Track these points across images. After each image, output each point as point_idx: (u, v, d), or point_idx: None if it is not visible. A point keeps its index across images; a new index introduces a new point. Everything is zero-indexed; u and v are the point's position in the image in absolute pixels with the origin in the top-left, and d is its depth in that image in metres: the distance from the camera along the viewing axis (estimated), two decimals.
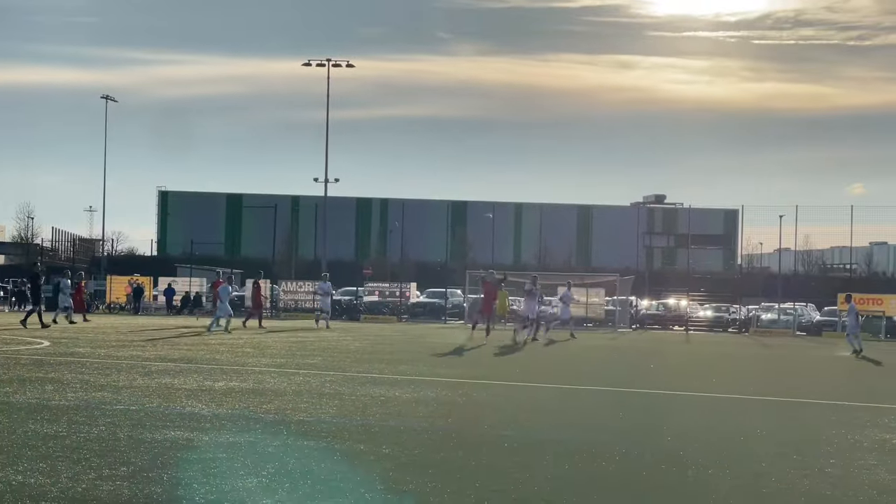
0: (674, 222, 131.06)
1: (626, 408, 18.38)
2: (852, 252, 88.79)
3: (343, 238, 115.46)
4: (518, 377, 23.46)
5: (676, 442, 13.85)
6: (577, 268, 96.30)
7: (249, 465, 10.95)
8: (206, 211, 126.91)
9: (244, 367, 23.57)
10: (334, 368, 24.09)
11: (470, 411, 16.62)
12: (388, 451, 12.15)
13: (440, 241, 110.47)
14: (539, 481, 10.60)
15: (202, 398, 17.03)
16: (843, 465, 12.15)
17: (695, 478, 11.15)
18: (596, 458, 12.15)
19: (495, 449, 12.65)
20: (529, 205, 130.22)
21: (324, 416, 15.31)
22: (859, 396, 21.64)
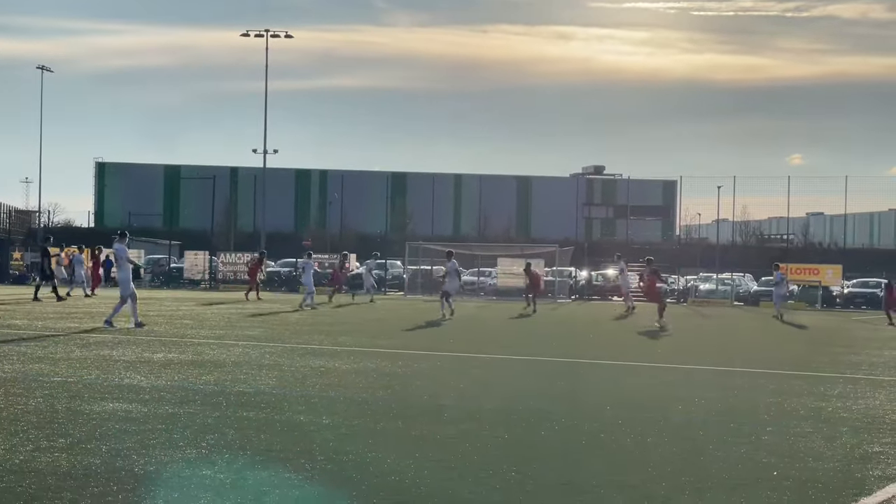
0: (613, 193, 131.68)
1: (566, 377, 18.48)
2: (789, 222, 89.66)
3: (282, 209, 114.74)
4: (458, 348, 23.51)
5: (616, 410, 13.95)
6: (516, 239, 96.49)
7: (188, 436, 10.89)
8: (143, 182, 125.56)
9: (183, 339, 23.42)
10: (274, 340, 24.00)
11: (410, 382, 16.64)
12: (327, 422, 12.14)
13: (380, 212, 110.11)
14: (478, 450, 10.63)
15: (141, 370, 16.91)
16: (780, 433, 12.30)
17: (633, 445, 11.24)
18: (535, 427, 12.21)
19: (435, 419, 12.67)
20: (469, 176, 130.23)
21: (263, 387, 15.25)
22: (796, 365, 21.90)
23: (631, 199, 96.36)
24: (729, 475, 9.72)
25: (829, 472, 10.00)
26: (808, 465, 10.29)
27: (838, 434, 12.34)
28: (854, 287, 68.39)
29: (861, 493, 9.04)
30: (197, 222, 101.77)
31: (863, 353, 25.30)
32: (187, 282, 68.50)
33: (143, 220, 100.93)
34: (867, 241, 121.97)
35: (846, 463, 10.48)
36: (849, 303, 65.50)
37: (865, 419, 13.71)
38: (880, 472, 10.00)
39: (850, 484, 9.43)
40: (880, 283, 66.90)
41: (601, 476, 9.52)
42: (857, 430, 12.72)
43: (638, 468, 9.94)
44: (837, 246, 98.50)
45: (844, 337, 33.21)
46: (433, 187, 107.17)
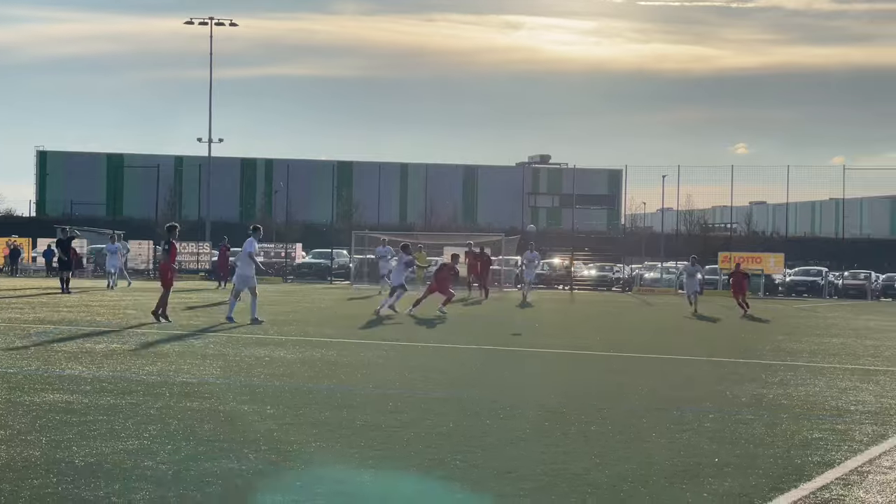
0: (558, 182, 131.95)
1: (511, 366, 18.53)
2: (733, 212, 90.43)
3: (227, 198, 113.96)
4: (404, 337, 23.50)
5: (560, 399, 14.01)
6: (462, 227, 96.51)
7: (130, 427, 10.80)
8: (86, 171, 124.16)
9: (126, 329, 23.24)
10: (218, 329, 23.87)
11: (355, 371, 16.61)
12: (272, 412, 12.09)
13: (326, 201, 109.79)
14: (423, 439, 10.63)
15: (82, 360, 16.76)
16: (722, 420, 12.41)
17: (577, 433, 11.29)
18: (480, 416, 12.24)
19: (380, 408, 12.65)
20: (415, 165, 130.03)
21: (207, 377, 15.17)
22: (738, 353, 22.10)
23: (576, 189, 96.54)
24: (671, 462, 9.79)
25: (770, 458, 10.10)
26: (749, 452, 10.39)
27: (779, 420, 12.47)
28: (796, 275, 69.19)
29: (801, 479, 9.14)
30: (141, 211, 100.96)
31: (804, 341, 25.58)
32: (131, 271, 67.92)
33: (85, 209, 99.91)
34: (809, 230, 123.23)
35: (786, 449, 10.60)
36: (791, 291, 66.24)
37: (805, 406, 13.86)
38: (819, 458, 10.11)
39: (790, 470, 9.53)
40: (821, 272, 67.84)
41: (545, 464, 9.55)
42: (797, 416, 12.86)
43: (582, 456, 9.98)
44: (780, 235, 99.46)
45: (786, 325, 33.55)
46: (379, 176, 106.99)
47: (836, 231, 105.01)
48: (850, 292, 67.06)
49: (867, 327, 33.05)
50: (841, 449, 10.65)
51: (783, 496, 8.49)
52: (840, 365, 19.78)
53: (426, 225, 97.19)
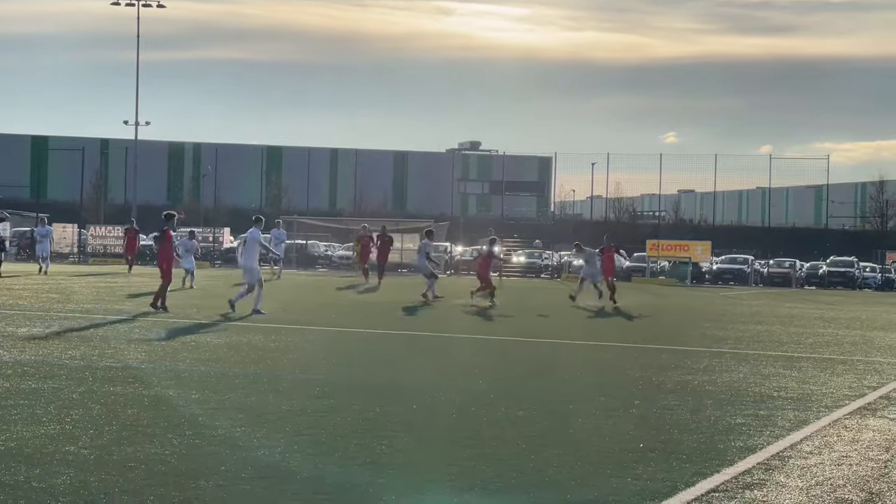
0: (489, 169, 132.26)
1: (437, 352, 18.56)
2: (661, 199, 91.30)
3: (155, 182, 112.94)
4: (330, 322, 23.43)
5: (487, 385, 14.04)
6: (392, 213, 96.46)
7: (52, 412, 10.66)
8: (9, 153, 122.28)
9: (49, 313, 22.94)
10: (143, 314, 23.62)
11: (281, 356, 16.53)
12: (197, 397, 12.00)
13: (255, 186, 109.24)
14: (349, 424, 10.60)
15: (3, 345, 16.51)
16: (647, 406, 12.51)
17: (504, 419, 11.32)
18: (406, 401, 12.23)
19: (307, 393, 12.60)
20: (345, 150, 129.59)
21: (131, 361, 15.01)
22: (665, 340, 22.29)
23: (506, 175, 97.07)
24: (597, 448, 9.85)
25: (694, 443, 10.19)
26: (673, 437, 10.48)
27: (703, 406, 12.59)
28: (722, 263, 69.93)
29: (723, 464, 9.23)
30: (65, 194, 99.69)
31: (729, 328, 25.85)
32: (55, 255, 67.00)
33: (8, 191, 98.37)
34: (735, 219, 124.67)
35: (710, 434, 10.70)
36: (717, 279, 66.95)
37: (729, 392, 14.01)
38: (742, 444, 10.22)
39: (712, 455, 9.63)
40: (747, 260, 68.68)
41: (472, 449, 9.56)
42: (721, 402, 12.99)
43: (508, 441, 10.01)
44: (707, 223, 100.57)
45: (712, 312, 33.90)
46: (309, 161, 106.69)
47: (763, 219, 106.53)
48: (776, 280, 67.91)
49: (791, 315, 33.49)
50: (763, 434, 10.78)
51: (706, 481, 8.57)
52: (764, 352, 20.02)
53: (356, 211, 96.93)
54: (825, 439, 10.73)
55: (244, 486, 7.96)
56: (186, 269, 38.21)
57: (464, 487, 8.15)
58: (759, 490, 8.33)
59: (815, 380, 15.78)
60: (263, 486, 7.98)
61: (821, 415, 12.34)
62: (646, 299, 40.44)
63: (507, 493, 8.04)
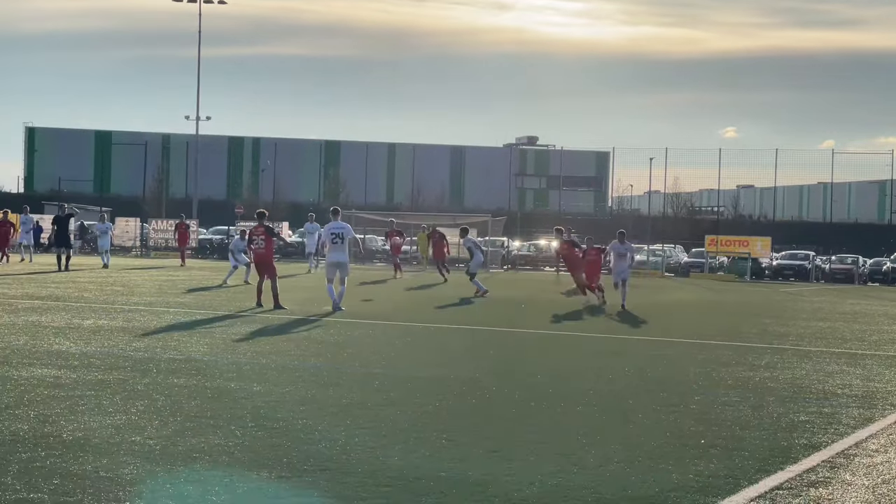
0: (546, 164, 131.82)
1: (498, 346, 18.56)
2: (720, 195, 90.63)
3: (215, 177, 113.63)
4: (389, 316, 23.49)
5: (546, 379, 14.04)
6: (449, 208, 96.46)
7: (118, 402, 10.80)
8: (74, 148, 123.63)
9: (113, 306, 23.19)
10: (205, 307, 23.83)
11: (341, 350, 16.61)
12: (258, 389, 12.09)
13: (313, 180, 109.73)
14: (409, 417, 10.65)
15: (70, 336, 16.73)
16: (708, 402, 12.44)
17: (564, 414, 11.32)
18: (465, 395, 12.26)
19: (366, 386, 12.66)
20: (402, 145, 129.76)
21: (194, 354, 15.16)
22: (725, 336, 22.12)
23: (564, 170, 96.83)
24: (657, 443, 9.81)
25: (756, 440, 10.13)
26: (734, 434, 10.42)
27: (765, 403, 12.50)
28: (783, 259, 69.28)
29: (787, 461, 9.17)
30: (128, 189, 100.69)
31: (790, 325, 25.64)
32: (118, 248, 67.80)
33: (73, 185, 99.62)
34: (796, 214, 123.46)
35: (773, 431, 10.63)
36: (777, 275, 66.35)
37: (792, 389, 13.90)
38: (806, 441, 10.15)
39: (776, 452, 9.56)
40: (808, 256, 67.95)
41: (531, 444, 9.57)
42: (783, 399, 12.89)
43: (568, 436, 10.00)
44: (767, 218, 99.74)
45: (773, 308, 33.63)
46: (367, 156, 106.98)
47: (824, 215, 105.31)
48: (837, 276, 67.13)
49: (854, 311, 33.15)
50: (828, 432, 10.68)
51: (770, 478, 8.52)
52: (827, 349, 19.84)
53: (413, 205, 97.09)
54: (891, 437, 10.63)
55: (306, 477, 8.03)
56: (244, 265, 38.49)
57: (523, 482, 8.15)
58: (823, 488, 8.27)
59: (880, 377, 15.62)
60: (325, 478, 8.03)
61: (886, 413, 12.21)
62: (704, 295, 40.19)
63: (568, 488, 8.04)
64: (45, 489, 7.37)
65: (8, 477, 7.65)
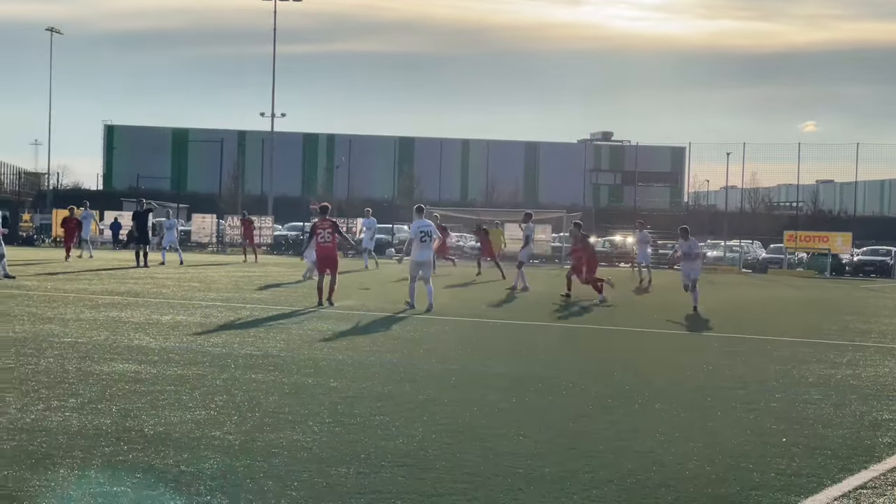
0: (621, 159, 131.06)
1: (575, 343, 18.48)
2: (799, 190, 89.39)
3: (290, 173, 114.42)
4: (467, 313, 23.47)
5: (624, 376, 13.95)
6: (524, 204, 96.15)
7: (197, 397, 10.91)
8: (151, 145, 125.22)
9: (191, 301, 23.43)
10: (281, 303, 23.98)
11: (417, 346, 16.63)
12: (335, 385, 12.14)
13: (387, 177, 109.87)
14: (486, 415, 10.63)
15: (149, 331, 16.93)
16: (789, 400, 12.29)
17: (641, 411, 11.23)
18: (543, 392, 12.21)
19: (443, 383, 12.67)
20: (476, 141, 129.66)
21: (271, 349, 15.26)
22: (805, 333, 21.85)
23: (639, 166, 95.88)
24: (737, 441, 9.71)
25: (839, 438, 9.98)
26: (817, 432, 10.28)
27: (847, 401, 12.32)
28: (864, 255, 68.19)
29: (871, 460, 9.03)
30: (204, 185, 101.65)
31: (872, 322, 25.23)
32: (195, 245, 68.55)
33: (151, 182, 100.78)
34: (877, 209, 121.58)
35: (856, 430, 10.47)
36: (858, 271, 65.31)
37: (875, 387, 13.69)
38: (890, 440, 9.98)
39: (859, 451, 9.42)
40: (890, 252, 66.77)
41: (609, 441, 9.52)
42: (866, 397, 12.70)
43: (646, 434, 9.93)
44: (847, 214, 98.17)
45: (854, 305, 33.13)
46: (441, 152, 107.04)
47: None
48: None
49: None
50: None
51: (853, 477, 8.40)
52: None
53: (487, 201, 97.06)
54: None
55: (384, 473, 8.04)
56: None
57: (602, 480, 8.11)
58: None
59: None
60: (403, 474, 8.04)
61: None
62: (783, 291, 39.70)
63: (647, 487, 7.97)
64: (128, 483, 7.47)
65: (91, 470, 7.76)
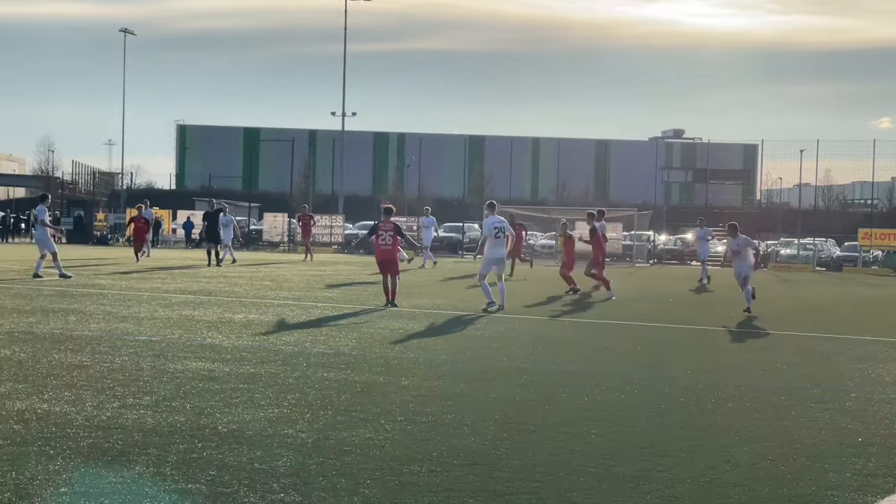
0: (692, 157, 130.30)
1: (645, 341, 18.36)
2: (874, 187, 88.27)
3: (360, 172, 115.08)
4: (535, 311, 23.44)
5: (695, 375, 13.86)
6: (594, 202, 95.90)
7: (270, 395, 11.00)
8: (223, 145, 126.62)
9: (263, 300, 23.62)
10: (352, 301, 24.10)
11: (488, 344, 16.64)
12: (406, 383, 12.18)
13: (458, 175, 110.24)
14: (558, 412, 10.61)
15: (222, 330, 17.10)
16: (864, 399, 12.14)
17: (715, 410, 11.15)
18: (614, 390, 12.17)
19: (513, 381, 12.67)
20: (547, 139, 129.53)
21: (342, 348, 15.34)
22: (881, 331, 21.55)
23: (711, 163, 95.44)
24: (812, 440, 9.61)
25: None
26: (894, 432, 10.14)
27: None
28: None
29: None
30: (275, 185, 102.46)
31: None
32: (266, 244, 69.10)
33: (222, 182, 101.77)
34: None
35: None
36: None
37: None
38: None
39: None
40: None
41: (682, 440, 9.46)
42: None
43: (720, 433, 9.86)
44: None
45: None
46: (511, 150, 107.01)
47: None
48: None
49: None
50: None
51: None
52: None
53: (558, 199, 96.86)
54: None
55: (457, 472, 8.06)
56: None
57: (676, 479, 8.06)
58: None
59: None
60: (476, 472, 8.05)
61: None
62: (858, 290, 39.18)
63: (720, 486, 7.92)
64: (202, 480, 7.55)
65: (167, 468, 7.86)
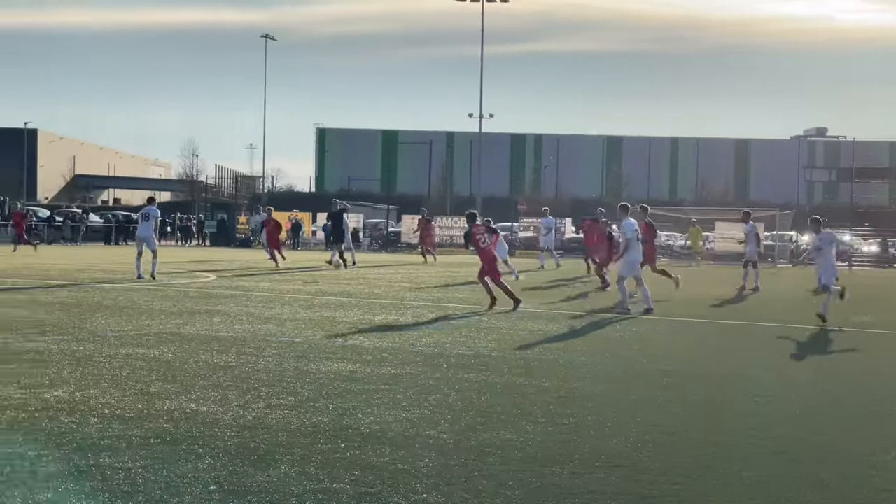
0: (836, 155, 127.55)
1: (784, 344, 18.04)
2: None
3: (497, 174, 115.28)
4: (676, 312, 23.21)
5: (833, 378, 13.59)
6: (734, 202, 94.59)
7: (411, 396, 11.12)
8: (362, 147, 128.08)
9: (402, 302, 23.85)
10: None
11: (627, 345, 16.56)
12: (547, 385, 12.20)
13: (595, 176, 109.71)
14: (699, 415, 10.54)
15: (363, 331, 17.33)
16: None
17: (852, 416, 10.94)
18: (749, 391, 12.00)
19: (654, 383, 12.60)
20: (685, 139, 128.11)
21: (482, 349, 15.42)
22: None
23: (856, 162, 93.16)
24: None
25: None
26: None
27: None
28: None
29: None
30: (413, 187, 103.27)
31: None
32: (405, 246, 69.65)
33: (361, 184, 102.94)
34: None
35: None
36: None
37: None
38: None
39: None
40: None
41: (816, 447, 9.31)
42: None
43: (860, 440, 9.67)
44: None
45: None
46: (649, 151, 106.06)
47: None
48: None
49: None
50: None
51: None
52: None
53: (697, 200, 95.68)
54: None
55: (598, 474, 8.06)
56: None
57: (808, 486, 7.95)
58: None
59: None
60: (617, 475, 8.05)
61: None
62: None
63: (864, 491, 7.78)
64: (346, 480, 7.68)
65: (311, 467, 8.01)
